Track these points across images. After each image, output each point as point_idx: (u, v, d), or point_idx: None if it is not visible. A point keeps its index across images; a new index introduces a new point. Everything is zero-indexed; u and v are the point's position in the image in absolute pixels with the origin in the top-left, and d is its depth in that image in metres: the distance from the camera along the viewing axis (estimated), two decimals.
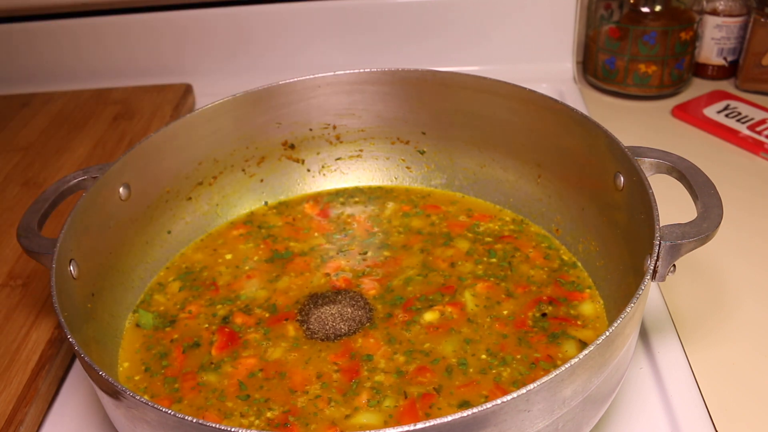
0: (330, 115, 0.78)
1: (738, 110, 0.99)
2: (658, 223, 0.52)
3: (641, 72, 1.03)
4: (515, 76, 0.79)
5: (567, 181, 0.69)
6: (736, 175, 0.87)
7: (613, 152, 0.60)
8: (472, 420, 0.40)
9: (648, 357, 0.64)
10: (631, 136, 0.95)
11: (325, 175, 0.81)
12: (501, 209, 0.75)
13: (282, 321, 0.63)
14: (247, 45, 1.11)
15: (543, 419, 0.44)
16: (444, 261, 0.69)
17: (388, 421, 0.54)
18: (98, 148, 0.95)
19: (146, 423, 0.44)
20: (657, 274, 0.52)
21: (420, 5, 1.08)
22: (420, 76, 0.74)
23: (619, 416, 0.59)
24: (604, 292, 0.63)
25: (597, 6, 1.04)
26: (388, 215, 0.76)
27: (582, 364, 0.43)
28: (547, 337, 0.60)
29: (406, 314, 0.63)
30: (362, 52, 1.11)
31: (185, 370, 0.60)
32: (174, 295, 0.68)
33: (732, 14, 1.04)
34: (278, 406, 0.56)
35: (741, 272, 0.73)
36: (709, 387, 0.61)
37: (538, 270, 0.67)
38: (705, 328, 0.67)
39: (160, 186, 0.71)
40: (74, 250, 0.57)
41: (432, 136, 0.78)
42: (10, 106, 1.08)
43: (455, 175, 0.78)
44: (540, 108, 0.68)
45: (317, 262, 0.70)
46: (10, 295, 0.70)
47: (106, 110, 1.04)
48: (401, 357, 0.59)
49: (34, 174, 0.90)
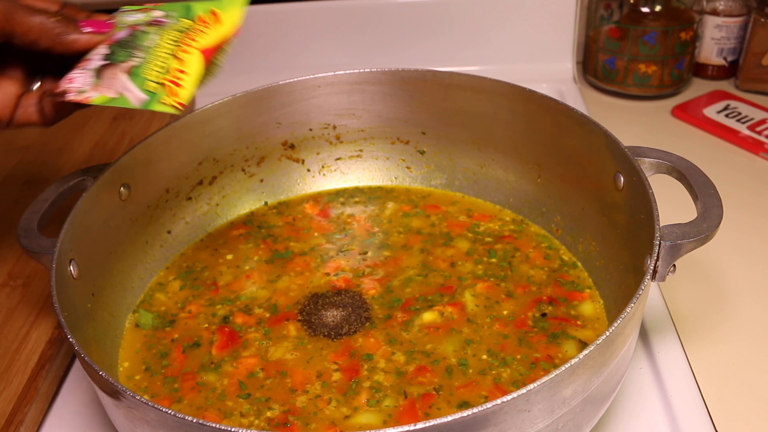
0: (330, 115, 0.78)
1: (738, 110, 0.99)
2: (658, 223, 0.52)
3: (641, 72, 1.03)
4: (515, 76, 0.79)
5: (567, 181, 0.69)
6: (736, 175, 0.87)
7: (613, 152, 0.60)
8: (471, 420, 0.40)
9: (648, 357, 0.64)
10: (631, 136, 0.95)
11: (325, 175, 0.81)
12: (501, 209, 0.75)
13: (283, 321, 0.63)
14: (247, 45, 1.11)
15: (543, 419, 0.44)
16: (444, 261, 0.69)
17: (388, 421, 0.54)
18: (98, 148, 0.95)
19: (146, 423, 0.44)
20: (657, 274, 0.52)
21: (420, 5, 1.08)
22: (420, 76, 0.74)
23: (619, 416, 0.59)
24: (604, 292, 0.63)
25: (597, 6, 1.04)
26: (388, 215, 0.76)
27: (582, 364, 0.43)
28: (547, 337, 0.60)
29: (406, 314, 0.63)
30: (362, 52, 1.11)
31: (185, 369, 0.60)
32: (174, 294, 0.68)
33: (732, 14, 1.04)
34: (278, 406, 0.56)
35: (741, 272, 0.73)
36: (709, 387, 0.61)
37: (538, 270, 0.67)
38: (705, 328, 0.67)
39: (160, 186, 0.71)
40: (74, 250, 0.57)
41: (432, 136, 0.78)
42: None
43: (455, 175, 0.78)
44: (540, 108, 0.68)
45: (317, 262, 0.70)
46: (10, 295, 0.70)
47: (106, 110, 1.04)
48: (401, 357, 0.59)
49: (34, 174, 0.90)
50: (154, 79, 0.54)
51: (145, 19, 0.57)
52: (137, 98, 0.54)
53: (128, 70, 0.54)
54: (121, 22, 0.58)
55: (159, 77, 0.54)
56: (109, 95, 0.54)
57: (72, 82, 0.55)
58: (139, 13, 0.58)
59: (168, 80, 0.54)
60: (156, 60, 0.55)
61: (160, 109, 0.54)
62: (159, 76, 0.54)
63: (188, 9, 0.58)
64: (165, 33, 0.56)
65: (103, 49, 0.56)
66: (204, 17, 0.57)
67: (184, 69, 0.54)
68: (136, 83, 0.54)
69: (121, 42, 0.56)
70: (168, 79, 0.54)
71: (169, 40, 0.55)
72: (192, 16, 0.57)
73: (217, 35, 0.56)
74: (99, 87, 0.54)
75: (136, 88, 0.54)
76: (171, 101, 0.54)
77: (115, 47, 0.56)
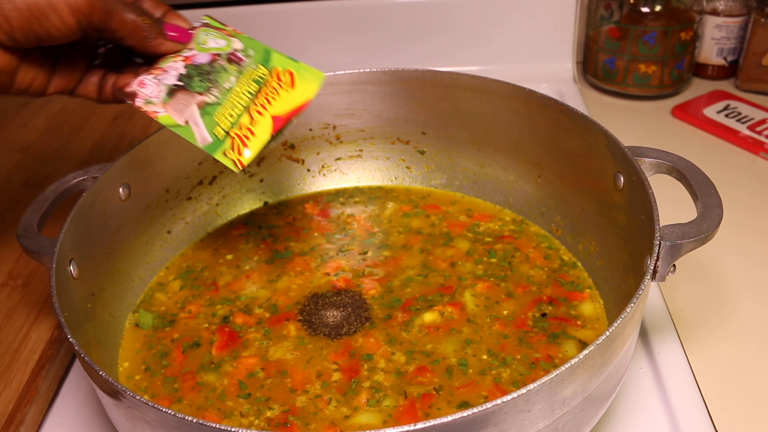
0: (330, 115, 0.78)
1: (738, 110, 0.99)
2: (658, 223, 0.52)
3: (641, 72, 1.03)
4: (515, 76, 0.79)
5: (567, 181, 0.69)
6: (736, 175, 0.87)
7: (613, 152, 0.60)
8: (471, 420, 0.40)
9: (648, 357, 0.64)
10: (631, 136, 0.95)
11: (325, 175, 0.81)
12: (501, 209, 0.75)
13: (283, 321, 0.63)
14: None
15: (543, 419, 0.44)
16: (444, 261, 0.69)
17: (388, 421, 0.54)
18: (98, 148, 0.95)
19: (146, 423, 0.44)
20: (657, 274, 0.52)
21: (420, 5, 1.08)
22: (420, 76, 0.74)
23: (619, 416, 0.59)
24: (604, 292, 0.63)
25: (597, 6, 1.04)
26: (388, 215, 0.76)
27: (582, 364, 0.43)
28: (547, 337, 0.60)
29: (406, 314, 0.63)
30: (362, 52, 1.11)
31: (185, 369, 0.60)
32: (174, 294, 0.68)
33: (732, 14, 1.04)
34: (278, 406, 0.56)
35: (741, 272, 0.73)
36: (709, 387, 0.61)
37: (538, 270, 0.67)
38: (705, 328, 0.67)
39: (160, 186, 0.71)
40: (74, 250, 0.57)
41: (432, 136, 0.78)
42: (10, 106, 1.08)
43: (455, 175, 0.78)
44: (540, 108, 0.68)
45: (317, 262, 0.70)
46: (10, 295, 0.70)
47: (106, 110, 1.04)
48: (401, 357, 0.59)
49: (34, 174, 0.90)
50: (224, 126, 0.55)
51: (226, 48, 0.57)
52: (202, 137, 0.55)
53: (201, 105, 0.55)
54: (203, 40, 0.58)
55: (228, 127, 0.55)
56: (176, 120, 0.55)
57: (143, 87, 0.55)
58: (220, 38, 0.58)
59: (236, 134, 0.55)
60: (230, 108, 0.55)
61: (221, 159, 0.55)
62: (229, 125, 0.55)
63: (267, 55, 0.58)
64: (243, 78, 0.56)
65: (180, 66, 0.56)
66: (280, 74, 0.57)
67: (253, 129, 0.55)
68: (205, 122, 0.55)
69: (199, 68, 0.56)
70: (236, 133, 0.55)
71: (246, 90, 0.56)
72: (269, 66, 0.57)
73: (290, 104, 0.56)
74: (168, 107, 0.55)
75: (204, 126, 0.55)
76: (234, 156, 0.55)
77: (192, 71, 0.56)
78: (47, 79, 0.55)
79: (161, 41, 0.56)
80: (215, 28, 0.59)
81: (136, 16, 0.53)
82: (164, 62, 0.57)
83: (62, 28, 0.50)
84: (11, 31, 0.49)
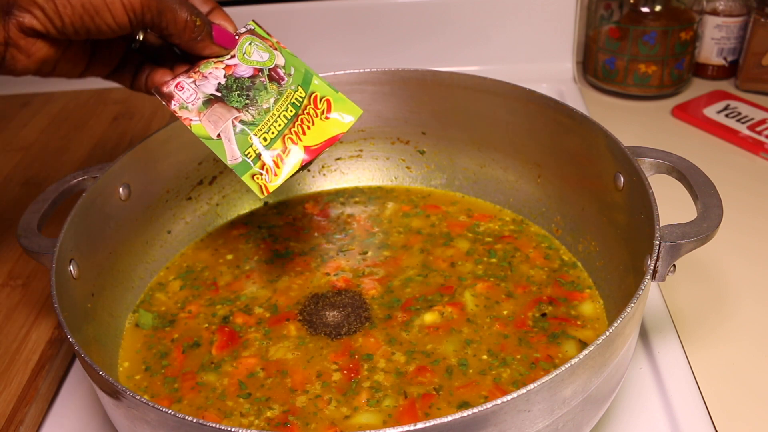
0: None
1: (738, 110, 0.99)
2: (658, 223, 0.52)
3: (641, 72, 1.03)
4: (515, 76, 0.79)
5: (567, 181, 0.69)
6: (736, 175, 0.87)
7: (613, 152, 0.60)
8: (471, 420, 0.40)
9: (648, 357, 0.64)
10: (631, 136, 0.95)
11: (325, 175, 0.81)
12: (501, 209, 0.75)
13: (283, 321, 0.63)
14: None
15: (543, 419, 0.44)
16: (444, 261, 0.69)
17: (388, 421, 0.54)
18: (98, 148, 0.95)
19: (146, 423, 0.44)
20: (657, 274, 0.52)
21: (420, 5, 1.08)
22: (420, 76, 0.74)
23: (619, 416, 0.59)
24: (604, 292, 0.63)
25: (597, 6, 1.04)
26: (388, 215, 0.76)
27: (582, 364, 0.43)
28: (547, 337, 0.60)
29: (406, 314, 0.63)
30: (362, 52, 1.11)
31: (185, 369, 0.60)
32: (174, 294, 0.68)
33: (732, 14, 1.04)
34: (278, 406, 0.56)
35: (741, 272, 0.73)
36: (709, 387, 0.61)
37: (538, 270, 0.67)
38: (705, 328, 0.67)
39: (160, 186, 0.71)
40: (74, 250, 0.57)
41: (432, 136, 0.78)
42: (10, 106, 1.08)
43: (455, 175, 0.78)
44: (540, 108, 0.68)
45: (317, 262, 0.70)
46: (10, 295, 0.70)
47: (106, 110, 1.05)
48: (401, 357, 0.59)
49: (34, 174, 0.90)
50: (257, 149, 0.54)
51: (268, 63, 0.57)
52: (233, 155, 0.54)
53: (236, 121, 0.55)
54: (247, 50, 0.57)
55: (261, 150, 0.55)
56: (209, 132, 0.54)
57: (180, 89, 0.55)
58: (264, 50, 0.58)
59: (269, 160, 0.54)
60: (265, 131, 0.55)
61: (248, 182, 0.54)
62: (262, 149, 0.55)
63: (308, 78, 0.57)
64: (282, 100, 0.56)
65: (221, 75, 0.56)
66: (318, 100, 0.57)
67: (285, 159, 0.55)
68: (238, 140, 0.54)
69: (240, 82, 0.56)
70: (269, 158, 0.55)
71: (283, 114, 0.55)
72: (309, 89, 0.57)
73: (323, 136, 0.56)
74: (202, 116, 0.55)
75: (236, 143, 0.54)
76: (261, 182, 0.54)
77: (232, 83, 0.56)
78: (85, 66, 0.56)
79: (207, 44, 0.55)
80: (260, 37, 0.59)
81: (189, 16, 0.53)
82: (205, 67, 0.56)
83: (114, 25, 0.50)
84: (63, 26, 0.49)
